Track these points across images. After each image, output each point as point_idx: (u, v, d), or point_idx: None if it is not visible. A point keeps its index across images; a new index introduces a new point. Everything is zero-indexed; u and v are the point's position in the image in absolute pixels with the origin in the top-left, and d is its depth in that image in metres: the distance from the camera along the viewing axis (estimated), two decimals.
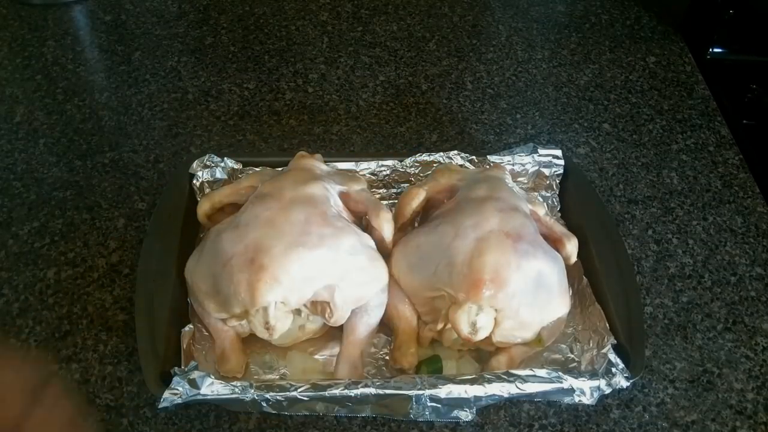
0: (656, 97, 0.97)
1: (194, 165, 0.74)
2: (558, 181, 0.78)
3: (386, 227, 0.65)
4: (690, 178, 0.85)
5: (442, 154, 0.77)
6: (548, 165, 0.78)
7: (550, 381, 0.58)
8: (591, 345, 0.64)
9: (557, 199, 0.78)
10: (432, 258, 0.62)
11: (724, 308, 0.72)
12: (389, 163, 0.78)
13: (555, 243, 0.66)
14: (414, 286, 0.64)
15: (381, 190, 0.79)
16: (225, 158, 0.75)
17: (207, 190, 0.74)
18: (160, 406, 0.56)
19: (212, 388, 0.56)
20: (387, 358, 0.65)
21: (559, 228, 0.68)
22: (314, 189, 0.64)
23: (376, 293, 0.63)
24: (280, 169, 0.73)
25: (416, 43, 1.04)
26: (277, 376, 0.63)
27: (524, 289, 0.59)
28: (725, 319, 0.71)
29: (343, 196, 0.67)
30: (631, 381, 0.59)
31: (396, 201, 0.73)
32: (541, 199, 0.74)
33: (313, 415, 0.61)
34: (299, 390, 0.57)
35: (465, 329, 0.58)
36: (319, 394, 0.57)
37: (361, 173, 0.77)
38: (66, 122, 0.89)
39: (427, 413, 0.58)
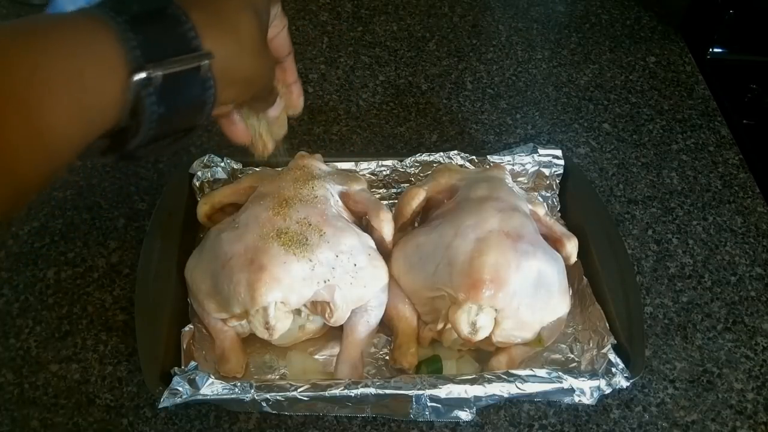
0: (656, 97, 0.97)
1: (194, 165, 0.74)
2: (558, 181, 0.78)
3: (386, 227, 0.65)
4: (690, 178, 0.85)
5: (442, 154, 0.77)
6: (548, 165, 0.77)
7: (550, 381, 0.58)
8: (591, 345, 0.64)
9: (557, 199, 0.78)
10: (432, 258, 0.62)
11: (724, 308, 0.72)
12: (389, 163, 0.78)
13: (555, 243, 0.66)
14: (414, 286, 0.64)
15: (381, 190, 0.79)
16: (225, 158, 0.76)
17: (207, 190, 0.74)
18: (160, 406, 0.56)
19: (212, 388, 0.56)
20: (387, 358, 0.65)
21: (559, 228, 0.68)
22: (314, 189, 0.64)
23: (376, 293, 0.63)
24: (280, 169, 0.73)
25: (416, 43, 1.04)
26: (277, 376, 0.63)
27: (524, 289, 0.59)
28: (725, 319, 0.71)
29: (343, 196, 0.67)
30: (631, 381, 0.59)
31: (396, 201, 0.73)
32: (541, 199, 0.74)
33: (313, 415, 0.61)
34: (299, 390, 0.56)
35: (465, 329, 0.58)
36: (319, 394, 0.57)
37: (361, 173, 0.77)
38: None
39: (427, 413, 0.58)
